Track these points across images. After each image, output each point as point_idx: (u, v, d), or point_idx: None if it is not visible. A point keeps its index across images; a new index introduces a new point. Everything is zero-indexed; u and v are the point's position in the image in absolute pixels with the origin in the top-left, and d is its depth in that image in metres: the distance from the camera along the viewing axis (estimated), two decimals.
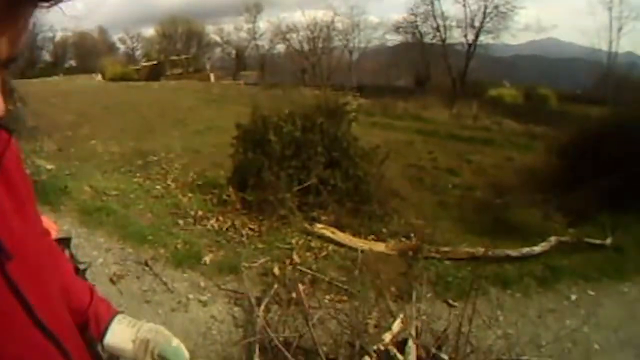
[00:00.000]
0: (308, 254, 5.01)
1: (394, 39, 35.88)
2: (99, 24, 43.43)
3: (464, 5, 30.84)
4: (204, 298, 4.12)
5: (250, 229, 5.59)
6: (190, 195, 6.76)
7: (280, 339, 3.12)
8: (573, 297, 4.53)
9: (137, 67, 38.52)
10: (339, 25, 37.67)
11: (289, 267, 4.63)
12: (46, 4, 0.55)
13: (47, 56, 42.56)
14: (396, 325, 3.14)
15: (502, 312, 4.14)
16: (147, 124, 13.13)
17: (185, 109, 15.89)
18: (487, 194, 8.75)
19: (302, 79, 33.36)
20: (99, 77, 34.27)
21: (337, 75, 35.89)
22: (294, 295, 3.86)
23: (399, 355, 2.76)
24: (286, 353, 2.83)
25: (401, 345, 2.94)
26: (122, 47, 47.20)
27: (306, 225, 5.61)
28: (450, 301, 4.25)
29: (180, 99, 18.63)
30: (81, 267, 2.83)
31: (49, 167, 6.82)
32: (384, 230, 5.83)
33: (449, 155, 11.30)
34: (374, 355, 2.82)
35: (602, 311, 4.19)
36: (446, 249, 5.22)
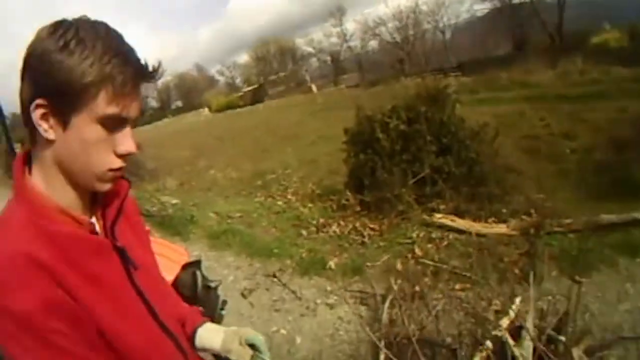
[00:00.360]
0: (429, 245, 4.93)
1: (482, 8, 34.20)
2: (194, 61, 46.67)
3: None
4: (330, 301, 4.22)
5: (371, 229, 5.62)
6: (310, 205, 7.00)
7: (405, 333, 3.09)
8: None
9: (240, 94, 40.56)
10: (424, 8, 36.92)
11: (411, 261, 4.61)
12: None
13: (153, 102, 47.17)
14: (514, 310, 2.98)
15: (632, 284, 3.74)
16: (259, 145, 13.75)
17: (293, 124, 16.38)
18: (606, 153, 7.87)
19: (402, 69, 32.87)
20: (206, 111, 36.67)
21: (435, 58, 34.99)
22: (417, 288, 3.83)
23: (510, 341, 2.61)
24: (414, 346, 2.80)
25: (518, 329, 2.79)
26: (221, 79, 50.39)
27: (425, 217, 5.51)
28: (577, 277, 3.92)
29: (286, 116, 19.28)
30: (212, 284, 3.06)
31: (174, 201, 7.42)
32: (504, 210, 5.52)
33: (562, 119, 10.29)
34: (490, 342, 2.71)
35: None
36: (568, 220, 4.80)
